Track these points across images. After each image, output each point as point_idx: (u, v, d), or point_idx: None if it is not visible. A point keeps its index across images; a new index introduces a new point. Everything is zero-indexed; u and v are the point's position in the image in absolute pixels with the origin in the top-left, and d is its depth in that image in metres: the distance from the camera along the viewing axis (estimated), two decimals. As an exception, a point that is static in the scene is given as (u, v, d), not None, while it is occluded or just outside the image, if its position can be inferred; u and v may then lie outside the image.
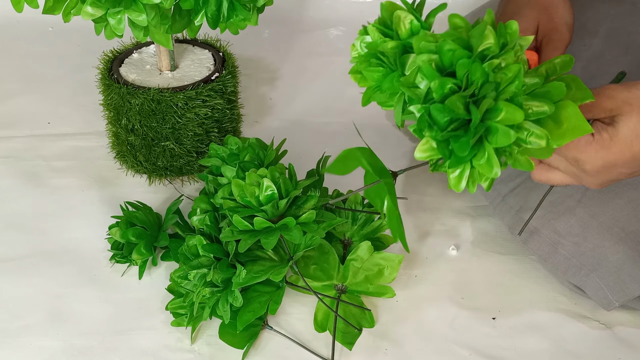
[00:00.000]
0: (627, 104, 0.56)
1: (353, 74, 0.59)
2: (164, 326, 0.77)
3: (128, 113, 0.89)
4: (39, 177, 0.98)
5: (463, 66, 0.49)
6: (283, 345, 0.75)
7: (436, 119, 0.50)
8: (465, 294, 0.81)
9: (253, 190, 0.72)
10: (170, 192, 0.95)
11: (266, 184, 0.71)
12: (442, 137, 0.50)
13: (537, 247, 0.79)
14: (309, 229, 0.71)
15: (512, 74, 0.49)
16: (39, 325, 0.77)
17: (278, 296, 0.75)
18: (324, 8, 1.44)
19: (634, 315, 0.78)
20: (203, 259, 0.73)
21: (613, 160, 0.57)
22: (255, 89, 1.20)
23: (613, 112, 0.56)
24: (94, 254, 0.86)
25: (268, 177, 0.72)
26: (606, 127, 0.57)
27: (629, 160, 0.57)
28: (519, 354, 0.74)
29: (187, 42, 1.00)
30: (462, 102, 0.49)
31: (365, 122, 1.11)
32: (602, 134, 0.56)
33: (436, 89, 0.50)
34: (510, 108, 0.49)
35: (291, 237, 0.70)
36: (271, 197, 0.71)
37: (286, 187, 0.72)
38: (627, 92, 0.56)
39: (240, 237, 0.71)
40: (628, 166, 0.58)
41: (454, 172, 0.53)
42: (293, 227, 0.71)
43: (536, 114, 0.50)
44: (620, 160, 0.57)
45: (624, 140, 0.56)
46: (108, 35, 0.78)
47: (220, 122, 0.93)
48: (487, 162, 0.50)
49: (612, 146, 0.56)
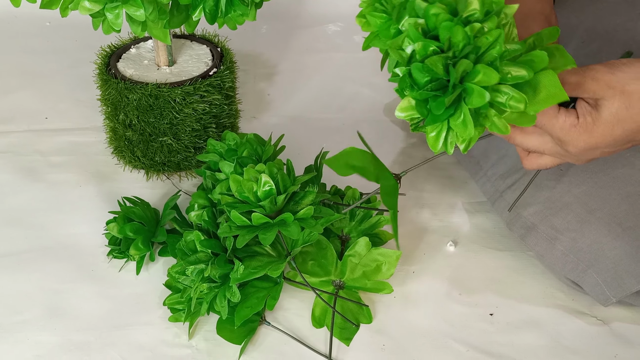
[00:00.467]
0: (610, 87, 0.57)
1: (359, 18, 0.60)
2: (161, 321, 0.77)
3: (126, 108, 0.89)
4: (36, 172, 0.98)
5: (445, 29, 0.51)
6: (281, 341, 0.75)
7: (416, 79, 0.52)
8: (463, 289, 0.81)
9: (251, 186, 0.71)
10: (167, 187, 0.95)
11: (264, 180, 0.71)
12: (421, 96, 0.52)
13: (534, 243, 0.79)
14: (307, 224, 0.71)
15: (493, 38, 0.51)
16: (36, 320, 0.77)
17: (276, 292, 0.75)
18: (323, 4, 1.44)
19: (631, 311, 0.78)
20: (201, 254, 0.73)
21: (595, 143, 0.59)
22: (253, 85, 1.20)
23: (596, 95, 0.58)
24: (91, 249, 0.85)
25: (266, 173, 0.72)
26: (590, 111, 0.58)
27: (610, 142, 0.59)
28: (516, 349, 0.74)
29: (185, 38, 1.00)
30: (442, 63, 0.51)
31: (363, 117, 1.11)
32: (585, 118, 0.58)
33: (419, 50, 0.51)
34: (486, 70, 0.50)
35: (289, 232, 0.70)
36: (269, 193, 0.71)
37: (284, 182, 0.72)
38: (610, 75, 0.58)
39: (238, 232, 0.71)
40: (610, 146, 0.60)
41: (432, 132, 0.55)
42: (291, 222, 0.71)
43: (515, 79, 0.52)
44: (602, 143, 0.59)
45: (605, 124, 0.58)
46: (106, 30, 0.77)
47: (218, 117, 0.93)
48: (462, 122, 0.52)
49: (595, 130, 0.58)
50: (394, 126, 1.09)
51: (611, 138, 0.59)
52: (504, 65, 0.52)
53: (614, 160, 0.77)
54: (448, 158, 1.01)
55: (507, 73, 0.52)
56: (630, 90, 0.57)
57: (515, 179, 0.83)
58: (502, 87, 0.52)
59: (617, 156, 0.77)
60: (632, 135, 0.59)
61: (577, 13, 0.91)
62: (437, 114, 0.52)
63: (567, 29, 0.90)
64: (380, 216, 0.82)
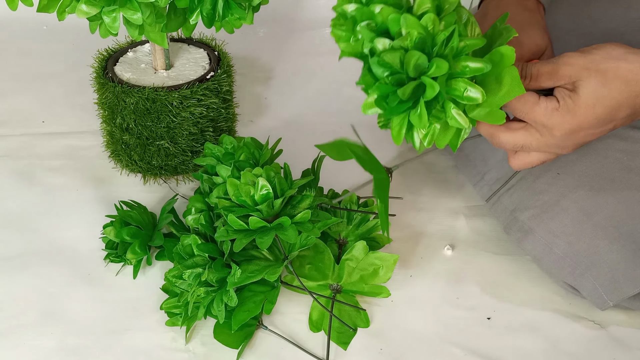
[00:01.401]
0: (584, 69, 0.60)
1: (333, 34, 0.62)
2: (158, 326, 0.76)
3: (123, 112, 0.89)
4: (33, 176, 0.98)
5: (394, 22, 0.53)
6: (278, 345, 0.75)
7: (376, 74, 0.53)
8: (461, 293, 0.81)
9: (248, 190, 0.71)
10: (165, 191, 0.95)
11: (261, 184, 0.71)
12: (381, 91, 0.54)
13: (531, 247, 0.79)
14: (304, 228, 0.71)
15: (448, 31, 0.52)
16: (33, 324, 0.76)
17: (273, 296, 0.75)
18: (320, 7, 1.44)
19: (629, 315, 0.78)
20: (198, 258, 0.73)
21: (579, 124, 0.60)
22: (250, 88, 1.20)
23: (573, 79, 0.60)
24: (88, 253, 0.85)
25: (263, 177, 0.71)
26: (569, 93, 0.60)
27: (593, 121, 0.61)
28: (514, 353, 0.74)
29: (182, 41, 1.00)
30: (398, 57, 0.53)
31: (360, 121, 1.11)
32: (566, 100, 0.60)
33: (374, 47, 0.53)
34: (438, 62, 0.52)
35: (286, 236, 0.70)
36: (266, 197, 0.71)
37: (281, 186, 0.72)
38: (583, 58, 0.60)
39: (235, 236, 0.71)
40: (593, 127, 0.61)
41: (396, 126, 0.57)
42: (288, 226, 0.71)
43: (473, 71, 0.54)
44: (586, 123, 0.61)
45: (586, 103, 0.60)
46: (103, 33, 0.77)
47: (215, 121, 0.93)
48: (418, 114, 0.55)
49: (577, 110, 0.60)
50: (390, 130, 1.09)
51: (593, 116, 0.60)
52: (462, 59, 0.54)
53: (611, 164, 0.77)
54: (445, 162, 1.01)
55: (465, 67, 0.54)
56: (604, 68, 0.60)
57: (513, 183, 0.83)
58: (459, 81, 0.54)
59: (614, 160, 0.77)
60: (613, 113, 0.61)
61: (574, 17, 0.91)
62: (392, 107, 0.54)
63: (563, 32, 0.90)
64: (377, 220, 0.82)
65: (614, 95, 0.60)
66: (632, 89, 0.60)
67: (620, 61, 0.60)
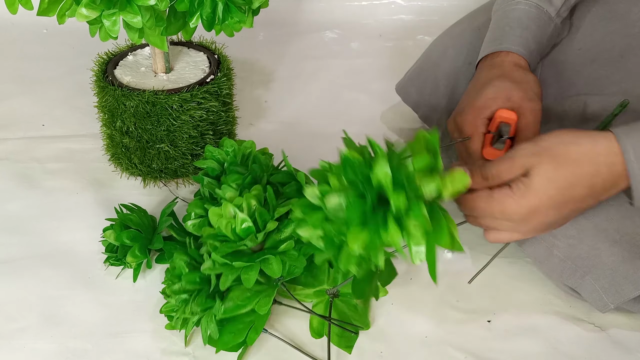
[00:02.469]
0: (535, 156, 0.63)
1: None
2: (158, 329, 0.76)
3: (123, 115, 0.89)
4: (33, 179, 0.98)
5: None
6: (279, 348, 0.75)
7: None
8: (461, 296, 0.81)
9: (229, 224, 0.70)
10: (164, 194, 0.95)
11: (241, 218, 0.69)
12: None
13: (532, 249, 0.79)
14: (289, 257, 0.70)
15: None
16: (33, 327, 0.76)
17: (260, 323, 0.73)
18: (320, 11, 1.45)
19: (629, 318, 0.78)
20: (185, 284, 0.72)
21: (534, 206, 0.63)
22: (250, 92, 1.20)
23: (526, 166, 0.63)
24: (88, 256, 0.85)
25: (244, 207, 0.69)
26: (522, 180, 0.63)
27: (548, 203, 0.63)
28: (514, 356, 0.74)
29: (182, 45, 1.00)
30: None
31: (359, 123, 1.11)
32: (518, 185, 0.63)
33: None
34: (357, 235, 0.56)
35: (271, 271, 0.69)
36: (248, 231, 0.70)
37: (263, 217, 0.71)
38: (533, 146, 0.64)
39: (221, 270, 0.70)
40: (550, 209, 0.64)
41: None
42: (272, 260, 0.69)
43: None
44: (541, 205, 0.63)
45: (538, 186, 0.62)
46: (103, 37, 0.77)
47: (215, 124, 0.93)
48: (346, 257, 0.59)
49: (529, 193, 0.63)
50: (390, 133, 1.09)
51: (546, 197, 0.63)
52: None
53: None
54: (445, 163, 1.01)
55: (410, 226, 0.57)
56: (555, 153, 0.63)
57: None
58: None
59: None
60: (567, 194, 0.63)
61: (577, 21, 0.91)
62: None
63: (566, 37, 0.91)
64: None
65: (566, 176, 0.62)
66: (584, 169, 0.62)
67: (570, 145, 0.63)
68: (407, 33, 1.41)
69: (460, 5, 1.39)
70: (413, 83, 1.03)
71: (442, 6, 1.47)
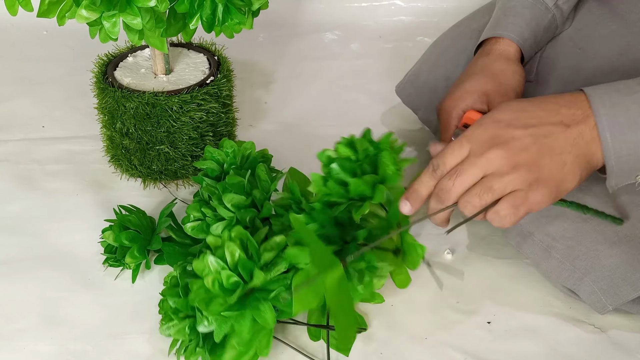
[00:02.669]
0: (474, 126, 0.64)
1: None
2: (158, 330, 0.76)
3: (123, 117, 0.89)
4: (33, 181, 0.98)
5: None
6: (277, 350, 0.75)
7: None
8: (460, 297, 0.81)
9: (215, 279, 0.66)
10: (164, 195, 0.95)
11: (226, 275, 0.66)
12: None
13: (530, 251, 0.79)
14: (279, 304, 0.67)
15: None
16: (32, 329, 0.76)
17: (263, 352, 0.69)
18: (320, 12, 1.45)
19: (628, 319, 0.78)
20: (175, 333, 0.70)
21: (515, 103, 0.64)
22: (250, 93, 1.20)
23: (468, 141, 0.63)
24: (88, 257, 0.85)
25: (228, 260, 0.66)
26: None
27: (525, 102, 0.64)
28: (513, 357, 0.74)
29: (182, 46, 1.00)
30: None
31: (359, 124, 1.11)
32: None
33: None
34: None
35: (263, 321, 0.66)
36: (235, 285, 0.66)
37: (248, 268, 0.67)
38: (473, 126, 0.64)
39: (215, 323, 0.66)
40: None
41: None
42: (264, 309, 0.66)
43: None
44: (520, 102, 0.64)
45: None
46: (103, 38, 0.78)
47: (215, 125, 0.93)
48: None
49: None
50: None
51: (494, 123, 0.62)
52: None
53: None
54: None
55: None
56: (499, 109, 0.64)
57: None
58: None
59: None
60: (523, 116, 0.62)
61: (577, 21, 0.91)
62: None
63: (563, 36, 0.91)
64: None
65: (517, 104, 0.64)
66: (539, 100, 0.63)
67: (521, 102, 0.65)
68: (406, 34, 1.41)
69: (459, 7, 1.39)
70: (413, 84, 1.04)
71: (442, 8, 1.47)
